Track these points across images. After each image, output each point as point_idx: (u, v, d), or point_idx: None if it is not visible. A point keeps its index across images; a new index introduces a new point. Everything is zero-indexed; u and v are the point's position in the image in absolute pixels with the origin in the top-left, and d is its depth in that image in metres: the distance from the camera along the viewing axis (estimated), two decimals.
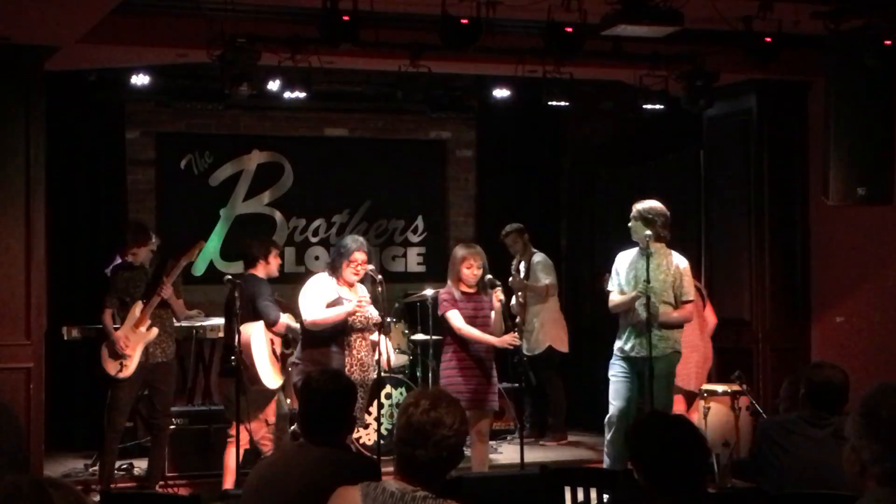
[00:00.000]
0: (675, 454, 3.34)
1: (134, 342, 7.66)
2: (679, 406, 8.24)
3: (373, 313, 7.42)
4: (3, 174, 7.60)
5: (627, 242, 7.90)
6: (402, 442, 3.22)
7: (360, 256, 7.36)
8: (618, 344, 7.69)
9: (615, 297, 7.72)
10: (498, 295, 7.44)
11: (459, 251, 7.50)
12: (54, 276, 8.68)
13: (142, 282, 7.81)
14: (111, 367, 7.63)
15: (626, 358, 7.59)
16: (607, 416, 7.66)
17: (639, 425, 3.58)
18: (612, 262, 7.94)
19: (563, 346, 9.74)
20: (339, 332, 7.32)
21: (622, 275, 7.68)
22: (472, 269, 7.34)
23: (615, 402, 7.60)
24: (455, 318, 7.31)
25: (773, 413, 7.42)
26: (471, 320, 7.34)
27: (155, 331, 7.72)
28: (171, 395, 7.99)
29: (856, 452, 2.78)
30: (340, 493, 3.32)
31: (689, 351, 8.23)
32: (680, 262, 7.68)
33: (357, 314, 7.28)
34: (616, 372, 7.66)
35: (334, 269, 7.38)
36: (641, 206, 7.60)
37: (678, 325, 7.66)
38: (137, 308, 7.69)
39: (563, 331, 9.81)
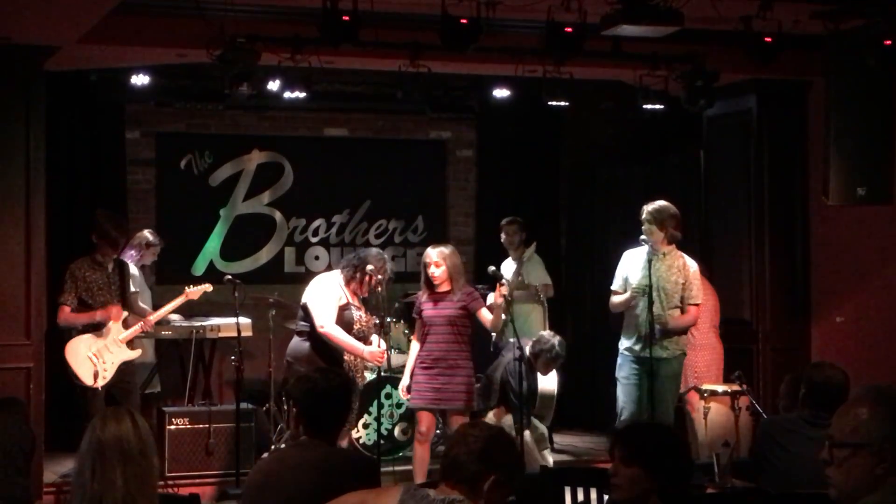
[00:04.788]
0: (688, 462, 3.44)
1: (116, 355, 7.70)
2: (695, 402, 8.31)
3: (364, 317, 7.41)
4: (3, 174, 7.60)
5: (627, 242, 7.90)
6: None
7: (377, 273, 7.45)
8: (626, 343, 7.66)
9: (615, 298, 7.72)
10: (501, 290, 7.37)
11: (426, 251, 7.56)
12: (54, 276, 8.67)
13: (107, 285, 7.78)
14: (86, 375, 7.61)
15: (637, 359, 7.56)
16: (618, 419, 7.64)
17: (656, 438, 3.48)
18: (612, 262, 7.94)
19: None
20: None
21: (631, 274, 7.65)
22: (428, 268, 7.42)
23: (628, 406, 7.57)
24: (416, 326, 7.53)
25: (773, 413, 7.42)
26: (431, 318, 7.43)
27: (139, 351, 7.76)
28: (136, 395, 7.87)
29: (875, 456, 2.74)
30: (381, 491, 3.37)
31: (703, 350, 8.32)
32: (691, 264, 7.67)
33: (366, 350, 7.26)
34: (627, 374, 7.61)
35: (351, 279, 7.38)
36: (653, 207, 7.58)
37: (685, 331, 7.68)
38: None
39: None
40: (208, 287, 8.33)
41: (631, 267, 7.68)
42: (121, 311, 7.73)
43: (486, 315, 7.43)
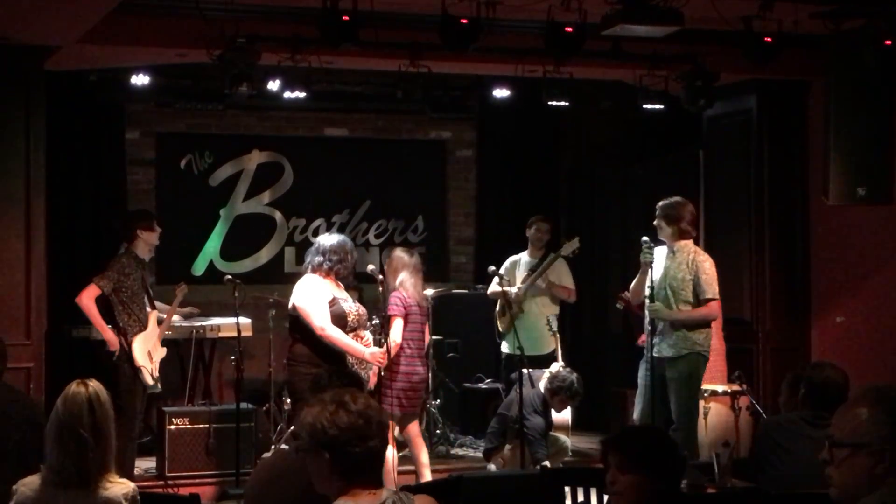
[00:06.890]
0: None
1: (159, 354, 7.85)
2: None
3: (354, 308, 7.39)
4: (3, 174, 7.61)
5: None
6: (346, 444, 2.97)
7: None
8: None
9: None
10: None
11: (410, 258, 7.63)
12: (55, 276, 8.67)
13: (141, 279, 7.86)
14: (147, 375, 7.66)
15: (649, 359, 7.54)
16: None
17: (648, 442, 3.50)
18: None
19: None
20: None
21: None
22: None
23: (637, 405, 7.57)
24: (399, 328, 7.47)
25: (773, 413, 7.42)
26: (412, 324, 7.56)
27: (165, 350, 7.96)
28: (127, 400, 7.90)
29: (874, 456, 2.74)
30: None
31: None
32: (701, 260, 7.55)
33: (365, 355, 7.22)
34: (641, 374, 7.59)
35: (337, 265, 7.26)
36: (664, 202, 7.54)
37: (700, 325, 7.43)
38: (154, 318, 7.85)
39: None
40: (185, 288, 8.44)
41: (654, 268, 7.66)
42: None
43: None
